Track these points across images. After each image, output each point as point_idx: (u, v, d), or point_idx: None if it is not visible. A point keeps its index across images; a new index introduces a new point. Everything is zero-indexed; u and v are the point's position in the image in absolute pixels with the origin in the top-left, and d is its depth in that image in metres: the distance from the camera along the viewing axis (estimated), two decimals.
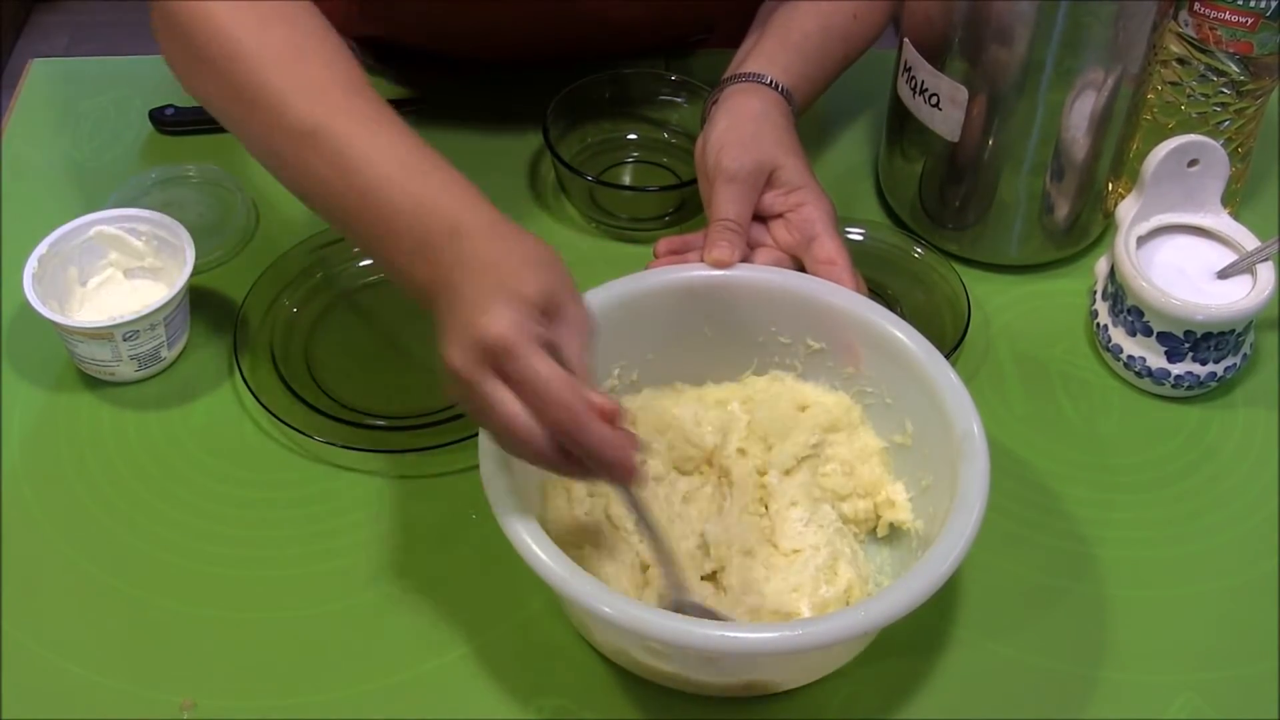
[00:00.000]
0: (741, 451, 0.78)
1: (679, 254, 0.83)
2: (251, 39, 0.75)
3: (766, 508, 0.77)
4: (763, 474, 0.77)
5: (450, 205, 0.69)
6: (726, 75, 0.92)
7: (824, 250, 0.82)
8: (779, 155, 0.85)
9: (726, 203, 0.83)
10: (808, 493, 0.76)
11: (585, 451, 0.63)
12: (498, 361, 0.62)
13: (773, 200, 0.85)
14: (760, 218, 0.86)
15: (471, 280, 0.65)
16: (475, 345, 0.62)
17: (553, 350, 0.64)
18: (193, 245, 0.87)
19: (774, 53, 0.92)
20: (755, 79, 0.90)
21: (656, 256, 0.84)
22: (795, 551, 0.74)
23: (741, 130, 0.86)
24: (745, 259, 0.82)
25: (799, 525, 0.75)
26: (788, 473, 0.77)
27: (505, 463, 0.68)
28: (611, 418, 0.63)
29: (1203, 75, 0.92)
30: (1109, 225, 0.98)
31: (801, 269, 0.83)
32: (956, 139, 0.91)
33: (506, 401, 0.63)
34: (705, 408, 0.80)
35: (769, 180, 0.85)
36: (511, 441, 0.64)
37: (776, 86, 0.90)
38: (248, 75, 0.74)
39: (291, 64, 0.75)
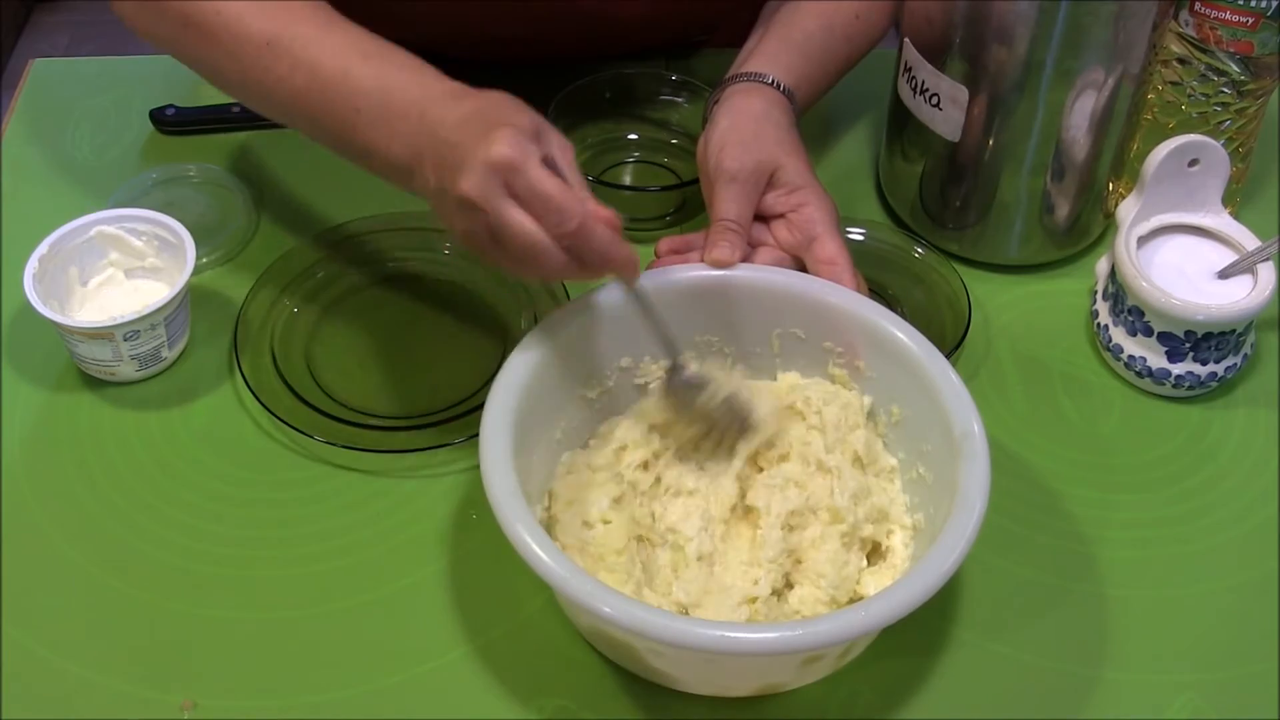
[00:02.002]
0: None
1: (680, 254, 0.83)
2: None
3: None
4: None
5: (413, 80, 0.75)
6: (728, 75, 0.92)
7: (825, 250, 0.82)
8: (780, 155, 0.85)
9: (727, 203, 0.84)
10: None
11: (593, 251, 0.69)
12: (508, 178, 0.67)
13: (774, 200, 0.85)
14: (762, 217, 0.86)
15: (460, 129, 0.70)
16: (484, 168, 0.67)
17: (550, 166, 0.69)
18: (193, 245, 0.87)
19: (776, 52, 0.92)
20: (757, 79, 0.90)
21: (658, 256, 0.84)
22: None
23: (743, 130, 0.86)
24: (746, 259, 0.82)
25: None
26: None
27: (506, 463, 0.68)
28: (611, 223, 0.69)
29: (1203, 75, 0.92)
30: (1109, 225, 0.98)
31: (802, 269, 0.83)
32: (957, 139, 0.91)
33: (520, 217, 0.67)
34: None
35: (770, 180, 0.85)
36: (531, 257, 0.68)
37: (778, 86, 0.90)
38: (199, 10, 0.79)
39: None
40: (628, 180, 1.03)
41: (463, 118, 0.71)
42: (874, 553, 0.76)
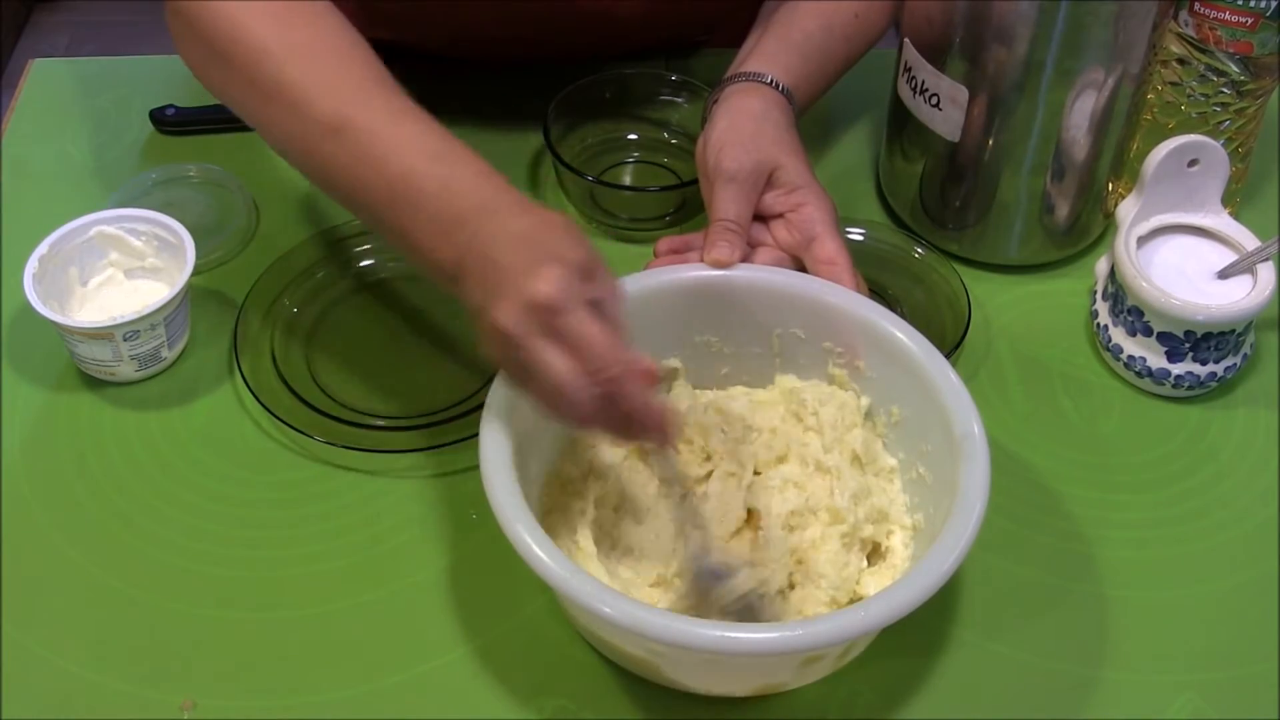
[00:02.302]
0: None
1: (679, 254, 0.83)
2: (274, 37, 0.77)
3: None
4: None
5: (476, 187, 0.72)
6: (727, 75, 0.92)
7: (824, 250, 0.82)
8: (779, 155, 0.85)
9: (726, 203, 0.84)
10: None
11: (625, 408, 0.66)
12: (547, 319, 0.64)
13: (773, 200, 0.85)
14: (761, 217, 0.86)
15: (511, 249, 0.67)
16: (525, 305, 0.64)
17: (596, 310, 0.65)
18: (193, 245, 0.87)
19: (775, 52, 0.92)
20: (756, 78, 0.90)
21: (657, 256, 0.84)
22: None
23: (742, 130, 0.86)
24: (745, 259, 0.82)
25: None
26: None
27: (506, 463, 0.68)
28: (652, 379, 0.66)
29: (1203, 75, 0.92)
30: (1109, 225, 0.98)
31: (802, 269, 0.83)
32: (957, 139, 0.91)
33: (556, 359, 0.65)
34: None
35: (769, 180, 0.85)
36: (558, 399, 0.65)
37: (777, 86, 0.90)
38: (271, 73, 0.76)
39: (315, 61, 0.76)
40: (628, 180, 1.03)
41: (515, 237, 0.68)
42: (874, 553, 0.76)
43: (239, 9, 0.77)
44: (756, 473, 0.77)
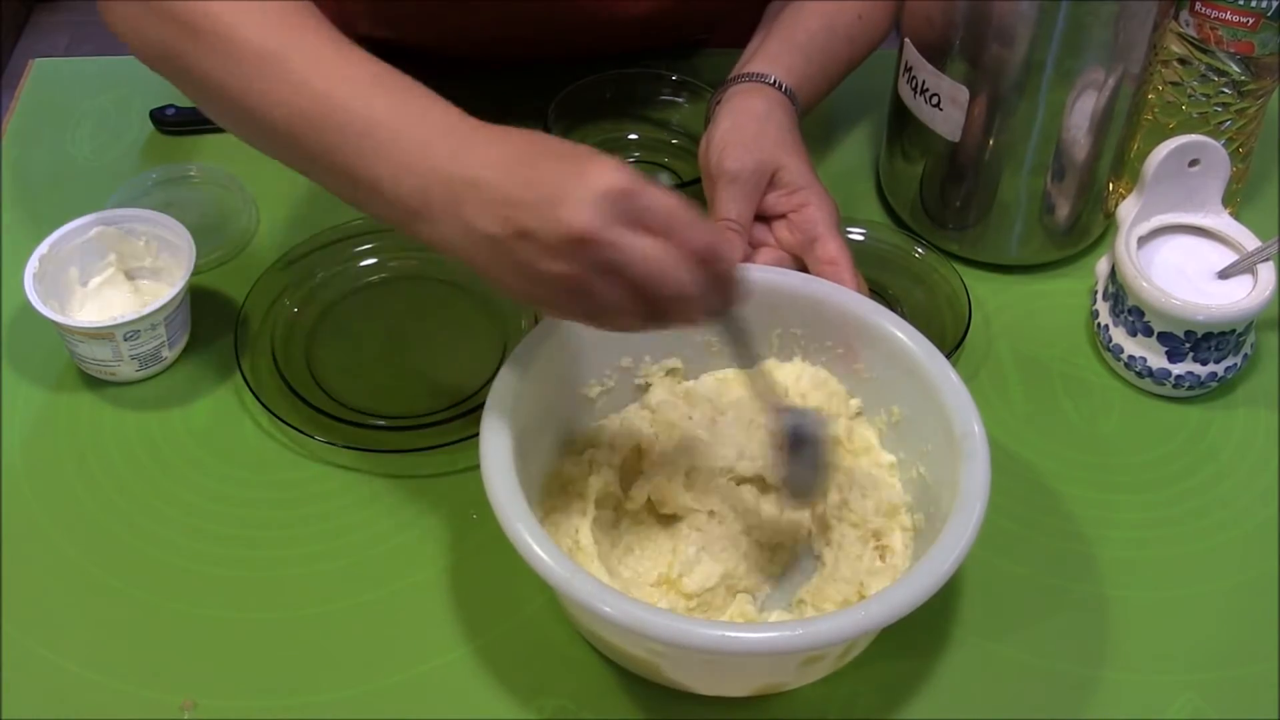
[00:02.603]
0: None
1: None
2: None
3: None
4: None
5: (441, 109, 0.67)
6: (730, 75, 0.92)
7: (826, 250, 0.82)
8: (781, 156, 0.85)
9: (728, 203, 0.84)
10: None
11: (727, 270, 0.63)
12: (629, 203, 0.61)
13: (775, 200, 0.85)
14: (763, 218, 0.86)
15: (535, 165, 0.62)
16: (600, 196, 0.60)
17: None
18: (193, 245, 0.87)
19: (778, 53, 0.92)
20: (759, 79, 0.90)
21: None
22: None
23: (744, 130, 0.86)
24: (747, 259, 0.82)
25: None
26: None
27: (506, 463, 0.68)
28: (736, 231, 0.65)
29: (1204, 75, 0.92)
30: (1110, 225, 0.98)
31: (804, 269, 0.83)
32: (957, 139, 0.91)
33: (650, 245, 0.61)
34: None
35: (771, 180, 0.85)
36: (653, 278, 0.62)
37: (780, 86, 0.90)
38: (199, 13, 0.71)
39: (250, 3, 0.71)
40: None
41: (518, 156, 0.63)
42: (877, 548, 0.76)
43: None
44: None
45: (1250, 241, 0.88)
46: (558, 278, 0.62)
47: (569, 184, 0.61)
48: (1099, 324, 0.90)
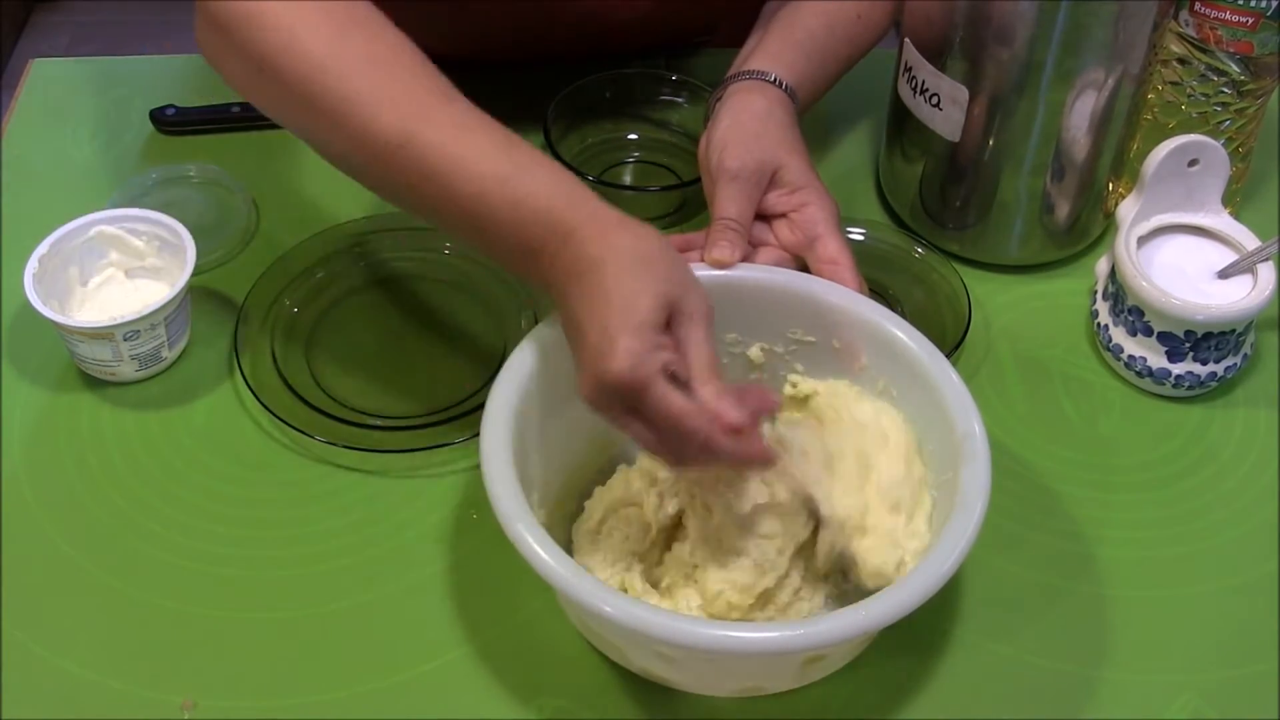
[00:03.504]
0: None
1: (681, 253, 0.83)
2: (328, 49, 0.73)
3: None
4: None
5: (546, 206, 0.69)
6: (730, 73, 0.92)
7: (827, 250, 0.82)
8: (782, 155, 0.85)
9: (728, 202, 0.83)
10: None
11: (724, 463, 0.68)
12: (627, 399, 0.65)
13: (776, 200, 0.85)
14: (764, 217, 0.86)
15: (589, 307, 0.66)
16: (603, 387, 0.65)
17: (679, 360, 0.66)
18: (193, 245, 0.87)
19: (778, 51, 0.92)
20: (759, 77, 0.90)
21: None
22: None
23: (745, 129, 0.86)
24: (747, 258, 0.82)
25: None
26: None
27: (506, 463, 0.68)
28: (740, 431, 0.66)
29: (1203, 75, 0.92)
30: (1109, 225, 0.98)
31: (804, 268, 0.83)
32: (957, 139, 0.91)
33: (642, 433, 0.66)
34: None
35: (772, 180, 0.85)
36: (660, 457, 0.68)
37: (780, 84, 0.90)
38: (329, 87, 0.72)
39: (375, 73, 0.73)
40: (628, 180, 1.03)
41: (589, 289, 0.66)
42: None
43: (289, 13, 0.73)
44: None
45: (1250, 241, 0.89)
46: (590, 402, 0.67)
47: (590, 357, 0.65)
48: (1099, 324, 0.90)
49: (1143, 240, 0.89)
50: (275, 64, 0.73)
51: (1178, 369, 0.87)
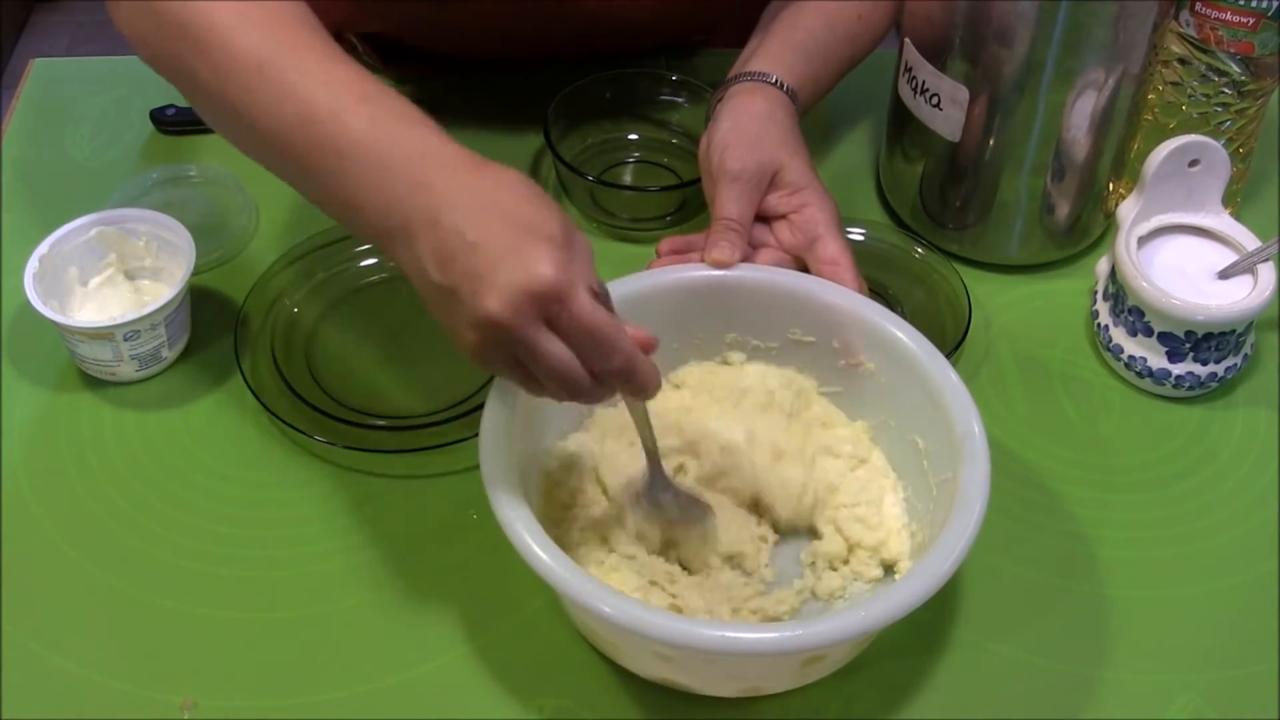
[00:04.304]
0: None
1: (681, 254, 0.83)
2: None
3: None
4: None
5: (413, 134, 0.67)
6: (731, 74, 0.92)
7: (827, 250, 0.82)
8: (782, 156, 0.85)
9: (728, 202, 0.84)
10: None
11: (626, 380, 0.65)
12: (548, 308, 0.61)
13: (776, 201, 0.85)
14: (764, 218, 0.86)
15: (480, 222, 0.62)
16: (524, 293, 0.61)
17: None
18: (193, 245, 0.87)
19: (779, 52, 0.92)
20: (760, 78, 0.90)
21: (659, 256, 0.84)
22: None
23: (745, 131, 0.86)
24: (748, 259, 0.82)
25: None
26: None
27: (506, 463, 0.68)
28: (648, 346, 0.65)
29: (1204, 75, 0.92)
30: (1110, 225, 0.98)
31: (804, 269, 0.83)
32: (957, 139, 0.91)
33: (558, 349, 0.62)
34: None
35: (772, 181, 0.85)
36: (558, 383, 0.64)
37: (781, 85, 0.90)
38: (198, 13, 0.71)
39: (244, 6, 0.71)
40: (628, 180, 1.03)
41: (480, 207, 0.63)
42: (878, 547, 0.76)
43: None
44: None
45: (1250, 241, 0.88)
46: (471, 345, 0.64)
47: (503, 264, 0.61)
48: (1099, 324, 0.90)
49: (1143, 240, 0.89)
50: (157, 10, 0.73)
51: (1178, 369, 0.87)
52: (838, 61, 0.96)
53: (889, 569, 0.75)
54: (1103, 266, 0.92)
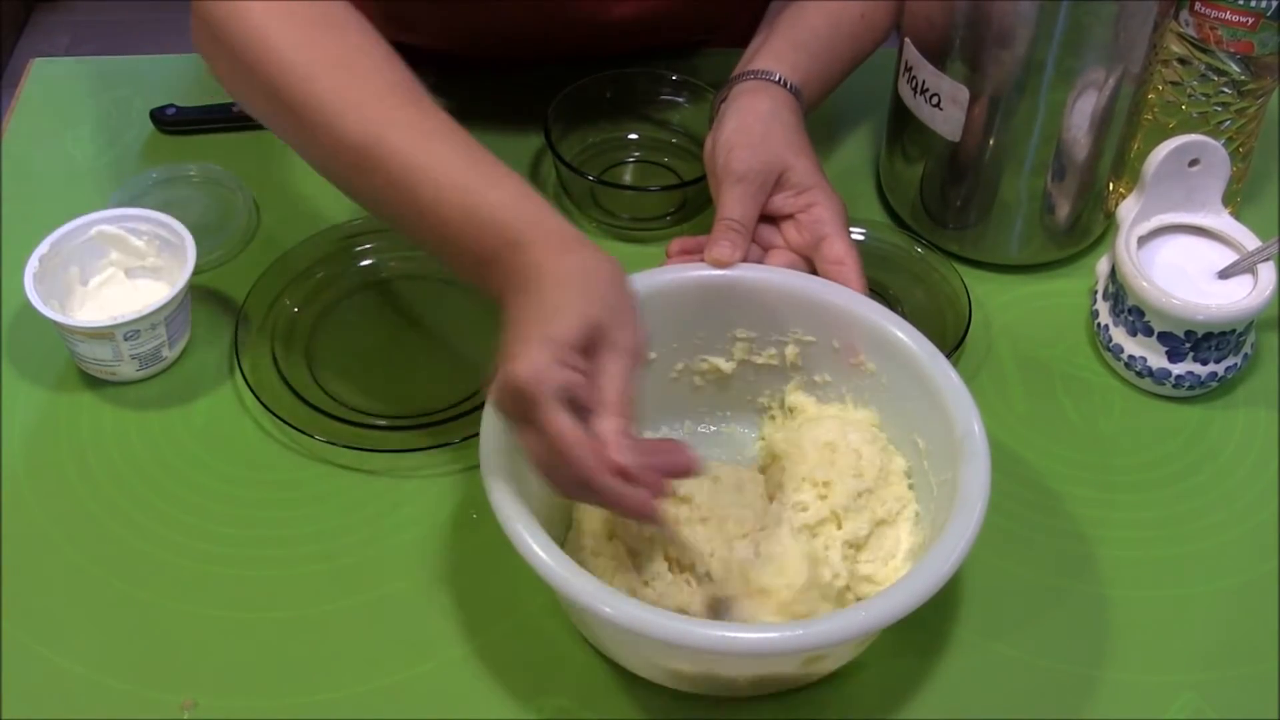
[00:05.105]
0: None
1: (692, 254, 0.83)
2: (299, 51, 0.74)
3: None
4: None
5: (503, 219, 0.69)
6: (735, 73, 0.92)
7: (833, 250, 0.82)
8: (788, 156, 0.85)
9: (732, 202, 0.83)
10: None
11: (600, 502, 0.64)
12: (520, 410, 0.63)
13: (783, 201, 0.85)
14: (772, 219, 0.86)
15: (520, 313, 0.65)
16: (503, 387, 0.63)
17: (588, 387, 0.63)
18: (194, 245, 0.87)
19: (783, 51, 0.92)
20: (765, 77, 0.90)
21: (669, 257, 0.84)
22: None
23: (751, 131, 0.86)
24: (758, 260, 0.82)
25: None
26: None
27: (506, 463, 0.68)
28: (626, 475, 0.63)
29: (1203, 75, 0.92)
30: (1110, 225, 0.98)
31: (814, 270, 0.83)
32: (958, 139, 0.91)
33: (531, 447, 0.64)
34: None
35: (779, 182, 0.85)
36: (539, 472, 0.65)
37: (786, 84, 0.90)
38: (298, 89, 0.73)
39: (342, 75, 0.74)
40: (628, 180, 1.03)
41: (535, 291, 0.66)
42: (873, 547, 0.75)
43: (259, 14, 0.75)
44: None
45: (1250, 241, 0.88)
46: (491, 400, 0.66)
47: (504, 359, 0.63)
48: (1099, 324, 0.90)
49: (1143, 240, 0.89)
50: (249, 63, 0.75)
51: (1178, 369, 0.87)
52: (841, 60, 0.96)
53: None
54: (1103, 266, 0.92)
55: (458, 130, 0.74)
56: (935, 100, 0.91)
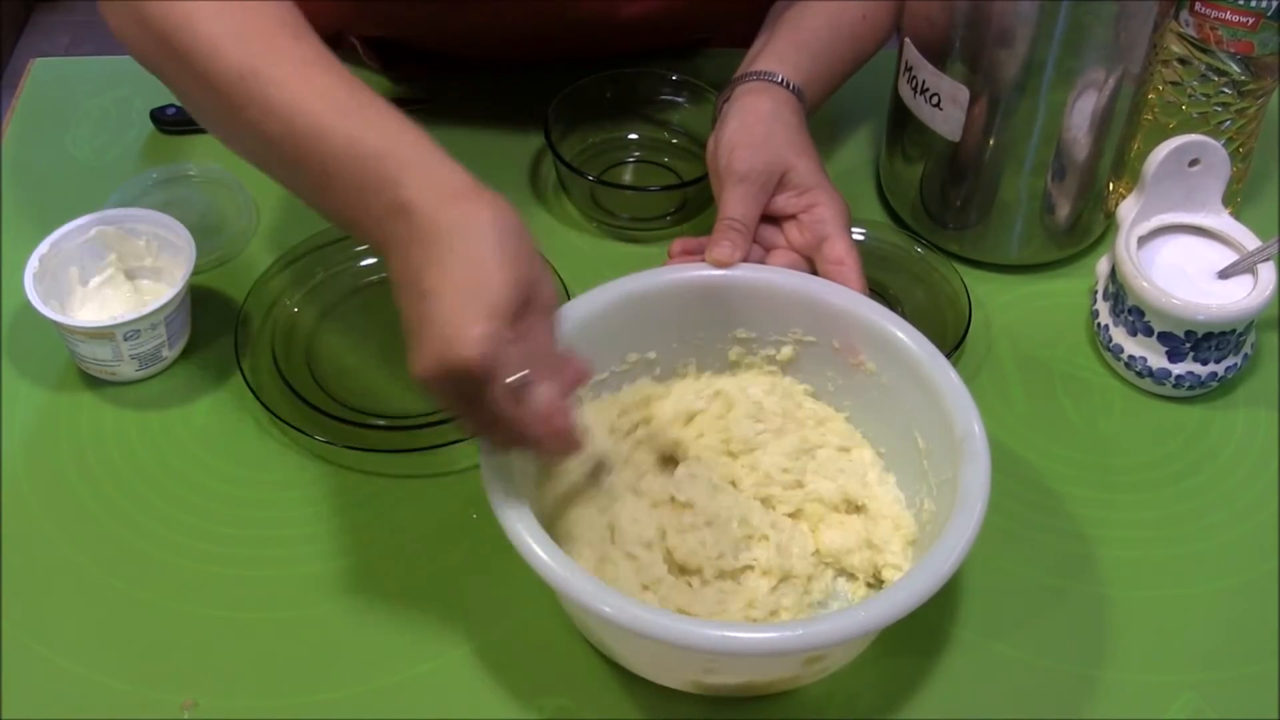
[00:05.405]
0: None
1: (694, 254, 0.83)
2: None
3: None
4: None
5: (388, 149, 0.67)
6: (737, 74, 0.92)
7: (834, 250, 0.82)
8: (790, 157, 0.85)
9: (734, 203, 0.84)
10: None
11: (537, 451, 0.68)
12: (462, 386, 0.62)
13: (785, 202, 0.85)
14: (775, 219, 0.86)
15: (440, 275, 0.63)
16: (446, 369, 0.62)
17: (522, 351, 0.64)
18: (194, 245, 0.87)
19: (785, 52, 0.92)
20: (767, 77, 0.90)
21: (671, 257, 0.84)
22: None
23: (753, 132, 0.86)
24: (759, 260, 0.82)
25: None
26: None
27: (506, 463, 0.68)
28: (567, 436, 0.66)
29: (1204, 75, 0.92)
30: (1110, 225, 0.98)
31: (815, 270, 0.83)
32: (958, 139, 0.91)
33: (471, 417, 0.65)
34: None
35: (781, 182, 0.85)
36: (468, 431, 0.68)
37: (788, 85, 0.90)
38: (181, 25, 0.72)
39: (224, 11, 0.72)
40: (628, 180, 1.03)
41: (445, 249, 0.63)
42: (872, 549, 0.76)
43: None
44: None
45: (1250, 241, 0.88)
46: (424, 378, 0.64)
47: (436, 328, 0.62)
48: (1099, 324, 0.90)
49: (1143, 240, 0.89)
50: (140, 10, 0.74)
51: (1178, 369, 0.87)
52: (842, 61, 0.96)
53: (880, 582, 0.75)
54: (1103, 266, 0.92)
55: (336, 62, 0.72)
56: (935, 100, 0.91)
